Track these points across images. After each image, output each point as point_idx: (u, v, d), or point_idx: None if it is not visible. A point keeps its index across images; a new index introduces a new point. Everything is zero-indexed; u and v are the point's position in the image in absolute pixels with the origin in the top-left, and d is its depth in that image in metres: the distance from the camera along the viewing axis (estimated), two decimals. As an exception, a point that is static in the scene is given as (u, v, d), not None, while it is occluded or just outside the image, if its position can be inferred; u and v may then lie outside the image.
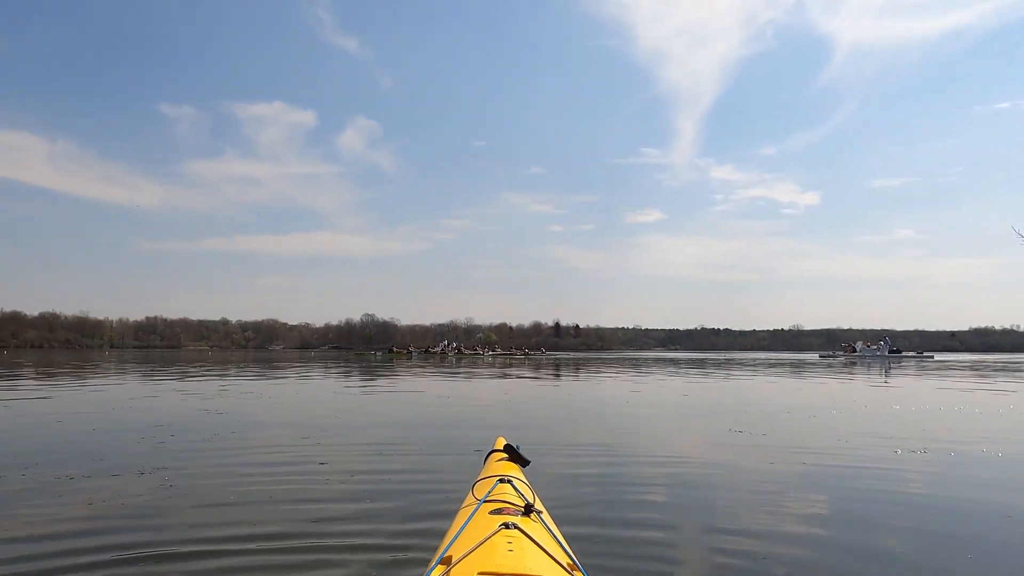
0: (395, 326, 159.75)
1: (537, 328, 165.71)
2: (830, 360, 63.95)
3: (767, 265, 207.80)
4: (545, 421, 11.21)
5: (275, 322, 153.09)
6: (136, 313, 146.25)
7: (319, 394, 17.19)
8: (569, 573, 2.12)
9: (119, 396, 15.34)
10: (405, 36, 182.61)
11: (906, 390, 19.93)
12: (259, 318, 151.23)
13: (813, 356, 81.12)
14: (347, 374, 28.26)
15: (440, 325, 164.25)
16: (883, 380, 26.02)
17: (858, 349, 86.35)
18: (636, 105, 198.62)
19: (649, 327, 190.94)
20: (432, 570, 2.07)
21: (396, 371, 31.30)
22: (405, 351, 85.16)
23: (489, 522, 2.38)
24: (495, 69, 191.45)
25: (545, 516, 2.65)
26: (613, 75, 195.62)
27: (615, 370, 33.97)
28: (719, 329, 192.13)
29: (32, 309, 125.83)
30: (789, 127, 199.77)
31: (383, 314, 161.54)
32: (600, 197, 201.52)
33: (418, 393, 17.46)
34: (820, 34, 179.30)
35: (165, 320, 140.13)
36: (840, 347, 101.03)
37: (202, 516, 4.66)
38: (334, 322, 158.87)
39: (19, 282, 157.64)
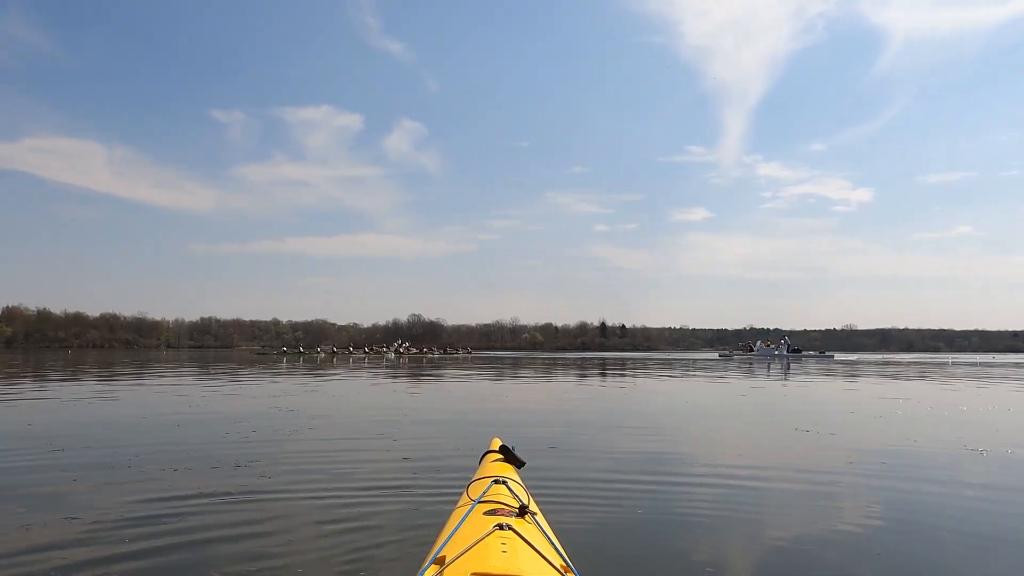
0: (441, 326, 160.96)
1: (583, 328, 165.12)
2: (727, 360, 63.14)
3: (818, 264, 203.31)
4: (610, 423, 11.26)
5: (324, 322, 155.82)
6: (191, 314, 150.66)
7: (376, 393, 17.52)
8: (562, 575, 2.11)
9: (191, 394, 15.89)
10: (449, 38, 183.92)
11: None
12: (308, 318, 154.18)
13: (712, 354, 79.35)
14: (393, 376, 28.64)
15: (486, 325, 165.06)
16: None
17: (756, 348, 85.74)
18: (681, 102, 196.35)
19: (696, 327, 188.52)
20: (425, 570, 2.07)
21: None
22: (326, 351, 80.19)
23: (483, 523, 2.37)
24: (538, 69, 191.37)
25: (540, 518, 2.65)
26: (658, 72, 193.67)
27: (661, 371, 33.72)
28: (768, 329, 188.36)
29: (94, 310, 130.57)
30: (840, 122, 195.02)
31: (429, 314, 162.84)
32: (645, 196, 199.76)
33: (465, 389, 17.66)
34: (872, 25, 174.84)
35: (219, 321, 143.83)
36: (738, 346, 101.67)
37: (295, 504, 4.89)
38: (381, 322, 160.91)
39: (81, 284, 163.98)
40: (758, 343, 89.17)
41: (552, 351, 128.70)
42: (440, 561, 2.10)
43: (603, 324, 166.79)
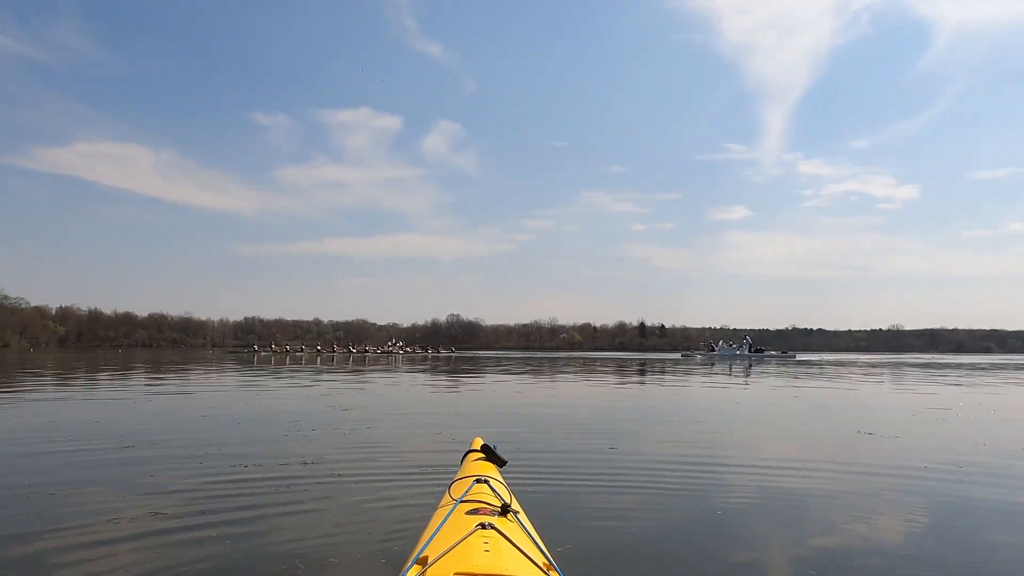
0: (479, 326, 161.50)
1: (622, 328, 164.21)
2: (689, 359, 62.57)
3: (862, 262, 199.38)
4: (662, 422, 11.17)
5: (364, 322, 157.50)
6: (235, 314, 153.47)
7: (422, 392, 17.64)
8: (545, 573, 2.10)
9: (246, 393, 16.20)
10: (487, 39, 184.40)
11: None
12: (349, 318, 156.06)
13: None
14: (433, 373, 28.80)
15: (524, 325, 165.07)
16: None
17: (717, 348, 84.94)
18: (721, 100, 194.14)
19: (737, 327, 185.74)
20: (408, 570, 2.06)
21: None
22: (281, 349, 78.96)
23: (465, 522, 2.37)
24: (576, 68, 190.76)
25: (522, 516, 2.63)
26: (697, 70, 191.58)
27: (706, 370, 33.31)
28: (811, 329, 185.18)
29: (142, 310, 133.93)
30: (885, 118, 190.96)
31: (468, 314, 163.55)
32: (683, 194, 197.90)
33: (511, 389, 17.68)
34: (919, 18, 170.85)
35: (262, 320, 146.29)
36: (699, 345, 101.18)
37: (365, 499, 4.94)
38: (420, 322, 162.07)
39: (130, 285, 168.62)
40: (720, 343, 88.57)
41: (590, 351, 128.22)
42: (423, 561, 2.09)
43: (642, 324, 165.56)
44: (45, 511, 4.67)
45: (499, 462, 3.53)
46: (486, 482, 2.96)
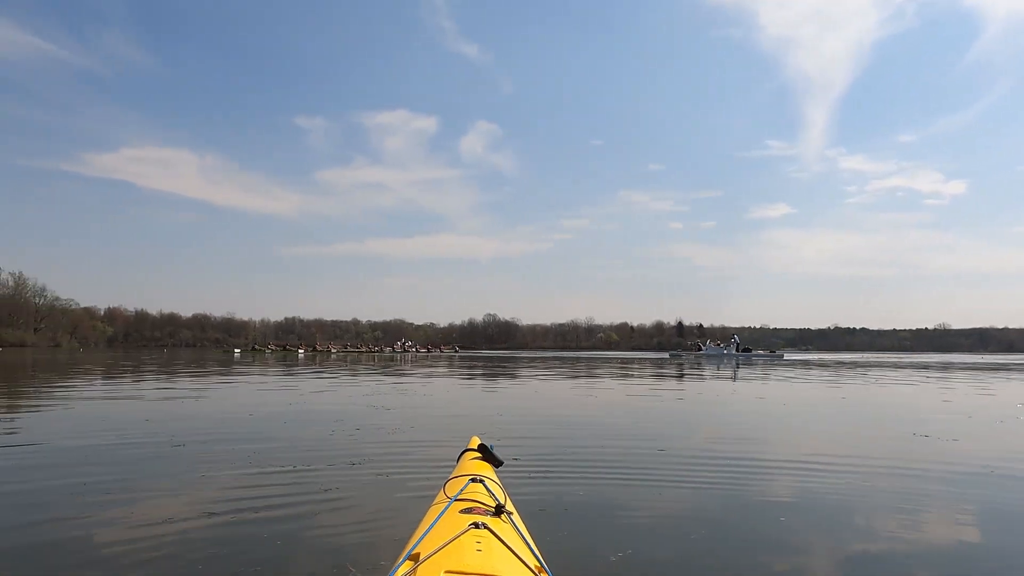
0: (516, 326, 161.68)
1: (659, 328, 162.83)
2: (677, 359, 62.16)
3: (908, 260, 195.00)
4: (718, 424, 10.99)
5: (402, 322, 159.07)
6: (276, 314, 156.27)
7: (463, 393, 17.66)
8: (536, 575, 2.07)
9: (290, 393, 16.39)
10: (523, 39, 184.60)
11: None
12: (387, 318, 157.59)
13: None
14: (469, 373, 28.84)
15: (561, 325, 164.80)
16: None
17: (704, 348, 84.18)
18: (760, 96, 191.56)
19: (778, 326, 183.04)
20: (399, 566, 2.04)
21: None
22: (266, 348, 78.00)
23: (459, 521, 2.34)
24: (612, 66, 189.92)
25: (515, 517, 2.60)
26: (736, 65, 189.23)
27: (753, 371, 32.80)
28: (855, 328, 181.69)
29: (187, 311, 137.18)
30: (932, 112, 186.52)
31: (505, 314, 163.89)
32: (723, 192, 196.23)
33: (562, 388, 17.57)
34: (968, 8, 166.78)
35: (302, 321, 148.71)
36: (687, 345, 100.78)
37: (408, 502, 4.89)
38: (458, 322, 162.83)
39: (175, 286, 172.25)
40: (707, 342, 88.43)
41: (628, 351, 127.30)
42: (414, 558, 2.08)
43: (680, 323, 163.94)
44: (102, 505, 4.73)
45: (495, 462, 3.51)
46: (481, 482, 2.94)
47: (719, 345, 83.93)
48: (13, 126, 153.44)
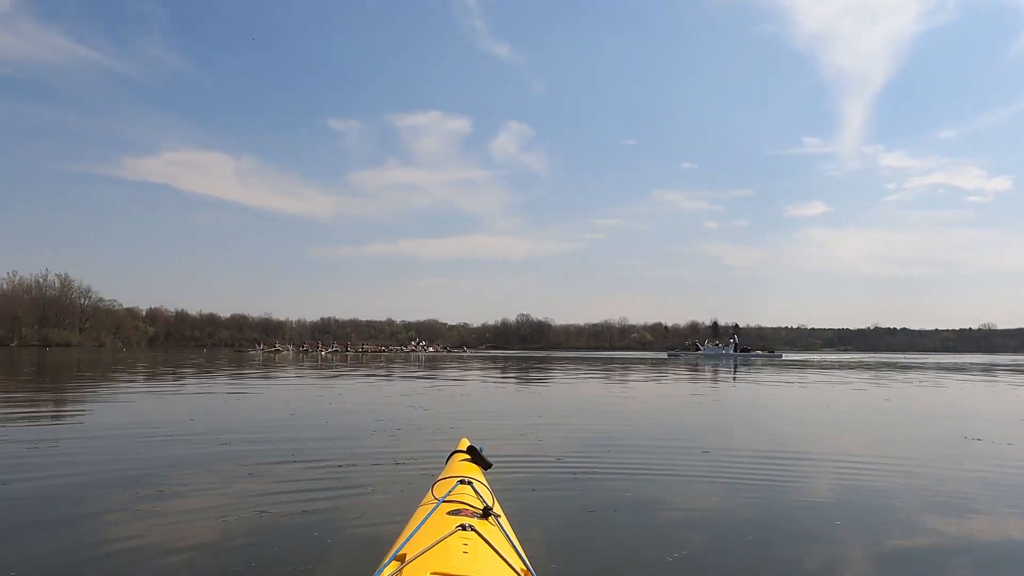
0: (549, 326, 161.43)
1: (694, 328, 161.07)
2: (675, 359, 62.25)
3: (950, 258, 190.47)
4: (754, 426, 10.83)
5: (435, 322, 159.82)
6: (312, 314, 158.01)
7: (499, 394, 17.66)
8: None
9: (327, 392, 16.56)
10: (555, 39, 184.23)
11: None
12: (421, 318, 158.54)
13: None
14: (503, 373, 28.84)
15: (594, 325, 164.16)
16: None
17: (702, 348, 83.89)
18: (796, 92, 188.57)
19: (815, 327, 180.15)
20: (385, 567, 2.03)
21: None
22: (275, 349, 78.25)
23: (446, 522, 2.33)
24: (644, 65, 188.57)
25: (503, 520, 2.58)
26: (770, 62, 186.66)
27: (783, 373, 32.30)
28: (895, 329, 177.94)
29: (225, 311, 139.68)
30: (974, 107, 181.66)
31: (537, 314, 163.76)
32: (757, 191, 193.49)
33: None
34: (1011, 0, 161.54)
35: (337, 321, 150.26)
36: (684, 345, 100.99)
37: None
38: (491, 322, 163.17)
39: (214, 287, 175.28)
40: (705, 342, 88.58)
41: (661, 351, 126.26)
42: (400, 558, 2.07)
43: (715, 323, 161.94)
44: (154, 498, 4.81)
45: (484, 464, 3.50)
46: (470, 484, 2.93)
47: (717, 345, 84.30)
48: (57, 131, 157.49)
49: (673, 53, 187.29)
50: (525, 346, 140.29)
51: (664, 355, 79.00)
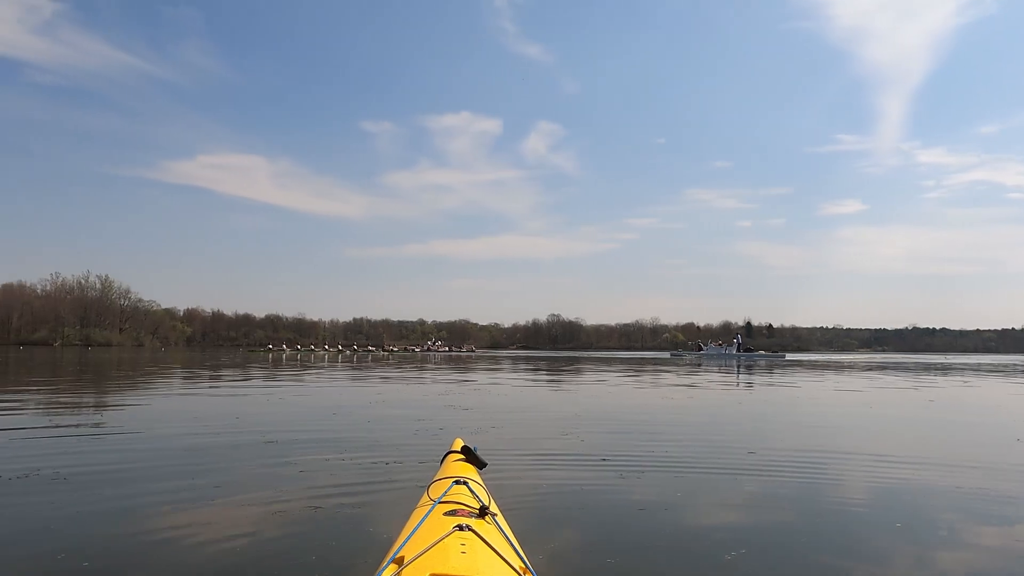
0: (580, 326, 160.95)
1: (727, 328, 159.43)
2: (678, 358, 61.99)
3: (992, 256, 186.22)
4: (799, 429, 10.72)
5: (466, 322, 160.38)
6: (345, 314, 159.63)
7: (534, 393, 17.69)
8: None
9: (367, 392, 16.75)
10: (586, 39, 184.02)
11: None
12: (452, 319, 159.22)
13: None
14: (534, 372, 28.84)
15: (625, 325, 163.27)
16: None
17: (704, 348, 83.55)
18: (831, 89, 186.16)
19: (851, 327, 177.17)
20: (383, 570, 2.03)
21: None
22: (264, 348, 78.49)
23: (443, 523, 2.33)
24: (676, 63, 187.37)
25: (500, 519, 2.58)
26: (805, 58, 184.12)
27: (813, 374, 31.82)
28: (934, 329, 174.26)
29: (260, 311, 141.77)
30: (1016, 101, 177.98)
31: (568, 314, 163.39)
32: (792, 189, 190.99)
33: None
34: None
35: (369, 321, 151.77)
36: (687, 344, 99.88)
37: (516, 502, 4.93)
38: (522, 322, 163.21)
39: (249, 287, 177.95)
40: (709, 342, 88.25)
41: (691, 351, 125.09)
42: (399, 561, 2.07)
43: (748, 324, 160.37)
44: (212, 492, 4.93)
45: (479, 464, 3.50)
46: (465, 484, 2.94)
47: (720, 345, 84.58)
48: (99, 136, 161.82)
49: (705, 51, 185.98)
50: (556, 346, 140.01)
51: (667, 355, 78.99)
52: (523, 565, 2.18)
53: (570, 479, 5.86)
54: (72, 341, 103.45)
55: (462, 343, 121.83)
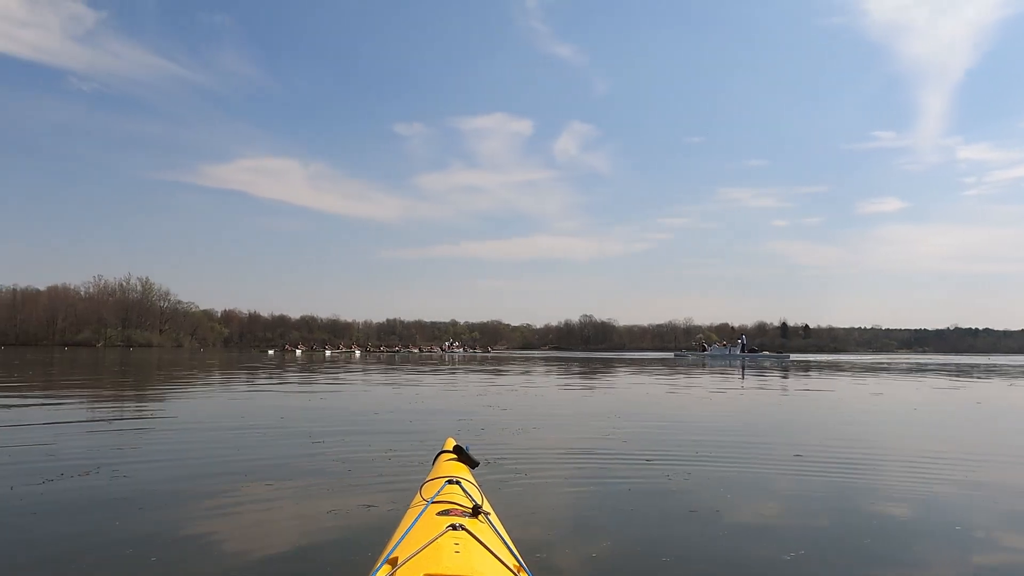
0: (612, 327, 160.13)
1: (762, 328, 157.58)
2: (682, 359, 61.76)
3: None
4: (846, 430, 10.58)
5: (499, 323, 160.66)
6: (378, 315, 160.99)
7: (566, 394, 17.68)
8: (515, 575, 2.05)
9: (406, 392, 16.90)
10: (619, 38, 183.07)
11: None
12: (484, 319, 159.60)
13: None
14: (566, 374, 28.78)
15: (658, 326, 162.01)
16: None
17: (708, 348, 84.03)
18: (868, 85, 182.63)
19: (891, 327, 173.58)
20: (377, 571, 2.02)
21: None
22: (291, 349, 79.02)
23: (436, 523, 2.31)
24: (709, 60, 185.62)
25: (493, 518, 2.57)
26: (841, 54, 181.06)
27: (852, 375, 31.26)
28: (977, 329, 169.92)
29: (295, 312, 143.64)
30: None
31: (601, 315, 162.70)
32: (829, 187, 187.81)
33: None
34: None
35: (402, 322, 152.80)
36: (692, 345, 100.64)
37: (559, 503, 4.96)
38: (554, 323, 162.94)
39: (284, 289, 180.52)
40: (713, 343, 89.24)
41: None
42: (392, 562, 2.07)
43: (784, 324, 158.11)
44: (269, 489, 5.04)
45: (471, 463, 3.49)
46: (458, 483, 2.93)
47: (724, 345, 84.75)
48: (140, 142, 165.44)
49: (738, 48, 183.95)
50: (588, 347, 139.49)
51: (671, 355, 79.19)
52: (517, 564, 2.18)
53: (617, 479, 5.87)
54: (114, 342, 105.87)
55: (490, 344, 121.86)
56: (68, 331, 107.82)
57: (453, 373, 27.93)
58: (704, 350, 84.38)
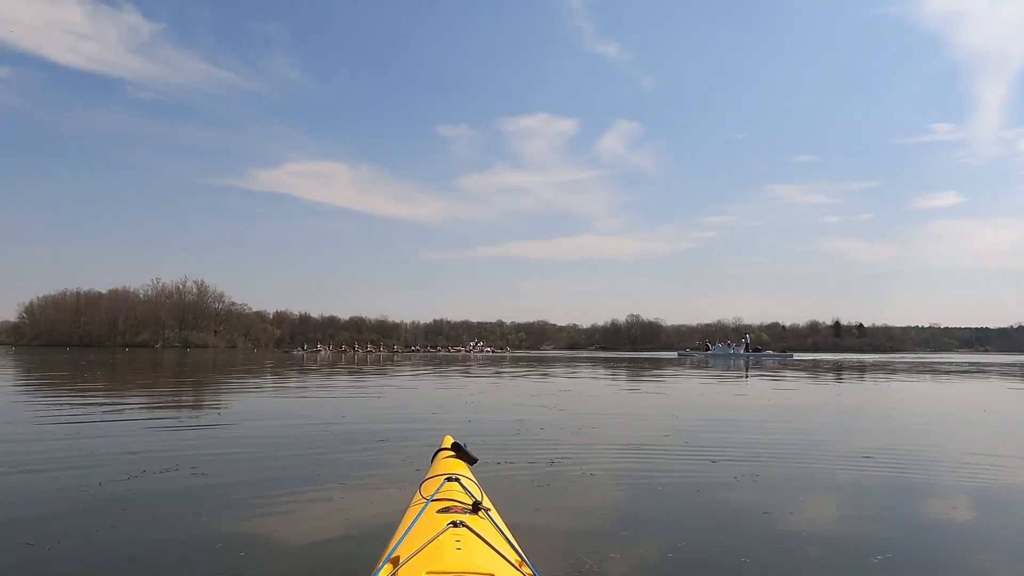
0: (660, 326, 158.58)
1: (814, 327, 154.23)
2: (685, 358, 61.57)
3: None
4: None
5: (545, 323, 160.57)
6: (425, 316, 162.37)
7: (619, 393, 17.60)
8: (518, 570, 2.05)
9: (458, 392, 17.07)
10: (663, 34, 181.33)
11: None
12: (530, 320, 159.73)
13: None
14: (614, 374, 28.60)
15: (707, 325, 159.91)
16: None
17: (711, 347, 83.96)
18: (923, 76, 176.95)
19: (949, 325, 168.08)
20: (379, 570, 2.01)
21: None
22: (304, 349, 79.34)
23: (437, 521, 2.32)
24: (756, 55, 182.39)
25: (493, 514, 2.58)
26: (894, 46, 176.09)
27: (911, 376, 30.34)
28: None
29: (344, 313, 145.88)
30: None
31: (648, 315, 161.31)
32: (882, 182, 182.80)
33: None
34: None
35: (449, 323, 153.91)
36: (695, 344, 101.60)
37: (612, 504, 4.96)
38: (600, 323, 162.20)
39: (333, 290, 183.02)
40: (716, 342, 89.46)
41: (777, 352, 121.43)
42: (394, 561, 2.07)
43: (837, 323, 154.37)
44: (344, 488, 5.17)
45: (469, 460, 3.51)
46: (457, 480, 2.94)
47: (728, 345, 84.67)
48: (193, 147, 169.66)
49: (788, 41, 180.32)
50: (635, 347, 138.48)
51: (675, 355, 79.68)
52: (519, 558, 2.19)
53: (682, 483, 5.85)
54: (171, 343, 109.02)
55: (537, 344, 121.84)
56: (128, 332, 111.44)
57: (499, 375, 28.06)
58: (707, 349, 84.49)
